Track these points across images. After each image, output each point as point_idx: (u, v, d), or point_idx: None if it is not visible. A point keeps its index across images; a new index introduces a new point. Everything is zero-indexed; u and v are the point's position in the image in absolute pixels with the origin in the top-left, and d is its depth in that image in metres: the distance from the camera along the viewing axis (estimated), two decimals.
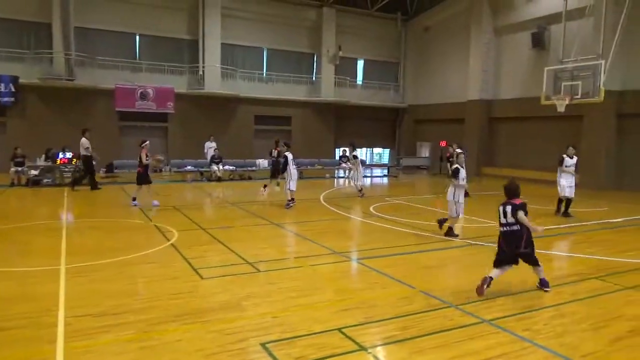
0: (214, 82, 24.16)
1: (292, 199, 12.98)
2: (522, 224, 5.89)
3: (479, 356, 4.29)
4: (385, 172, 26.06)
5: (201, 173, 20.46)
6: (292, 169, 13.04)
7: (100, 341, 4.49)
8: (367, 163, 29.24)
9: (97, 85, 21.69)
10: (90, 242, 8.76)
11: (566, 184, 12.04)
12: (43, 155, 17.53)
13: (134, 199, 12.69)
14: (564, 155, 12.16)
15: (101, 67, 22.26)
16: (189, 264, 7.15)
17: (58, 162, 17.11)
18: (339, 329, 4.80)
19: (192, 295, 5.82)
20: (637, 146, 18.05)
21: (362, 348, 4.42)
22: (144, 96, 22.54)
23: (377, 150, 32.42)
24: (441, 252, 8.36)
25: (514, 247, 5.95)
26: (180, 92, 23.56)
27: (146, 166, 12.75)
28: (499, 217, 6.09)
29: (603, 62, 15.36)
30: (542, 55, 21.24)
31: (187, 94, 23.86)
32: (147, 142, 13.12)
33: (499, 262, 6.09)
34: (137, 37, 23.51)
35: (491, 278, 5.94)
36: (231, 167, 20.87)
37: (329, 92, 27.43)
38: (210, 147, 20.92)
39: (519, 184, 6.19)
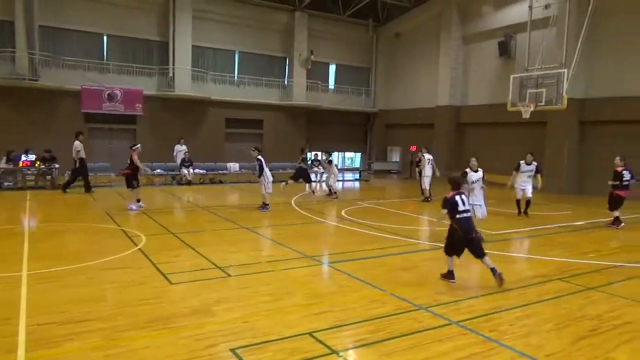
0: (185, 84, 23.83)
1: (267, 204, 12.97)
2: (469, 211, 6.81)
3: (447, 357, 4.37)
4: (357, 176, 26.23)
5: (173, 177, 20.14)
6: (267, 172, 13.03)
7: (65, 349, 4.36)
8: (339, 167, 29.34)
9: (62, 86, 21.07)
10: (54, 247, 8.50)
11: (519, 186, 12.91)
12: (4, 158, 16.90)
13: (138, 201, 12.77)
14: (521, 162, 12.98)
15: (67, 67, 21.65)
16: (158, 269, 7.02)
17: (20, 164, 16.54)
18: (310, 333, 4.80)
19: (161, 301, 5.71)
20: (597, 152, 18.72)
21: (333, 351, 4.43)
22: (111, 98, 22.04)
23: (348, 154, 32.60)
24: (411, 255, 8.47)
25: (468, 233, 6.56)
26: (150, 94, 23.14)
27: (135, 169, 12.70)
28: (457, 206, 6.63)
29: (566, 70, 15.91)
30: (508, 63, 21.84)
31: (156, 96, 23.45)
32: (139, 145, 13.23)
33: (452, 250, 6.74)
34: (105, 38, 22.98)
35: (450, 271, 6.79)
36: (202, 171, 20.61)
37: (301, 96, 27.46)
38: (181, 150, 20.64)
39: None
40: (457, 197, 6.70)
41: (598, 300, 6.15)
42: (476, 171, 9.71)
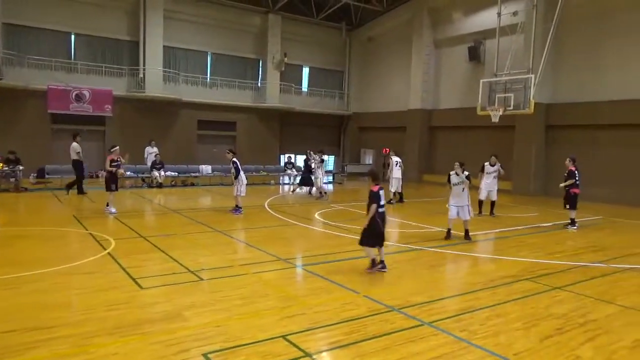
0: (156, 85, 23.46)
1: (240, 207, 12.89)
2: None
3: (420, 357, 4.42)
4: (331, 178, 26.30)
5: (142, 179, 19.77)
6: (242, 175, 12.96)
7: (31, 357, 4.22)
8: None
9: (27, 85, 20.43)
10: (19, 252, 8.21)
11: (484, 187, 13.41)
12: None
13: (108, 205, 12.38)
14: (485, 163, 13.55)
15: (33, 66, 21.01)
16: (128, 273, 6.87)
17: None
18: (284, 336, 4.78)
19: (131, 306, 5.59)
20: (563, 155, 19.16)
21: (307, 354, 4.43)
22: (79, 98, 21.51)
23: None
24: (384, 257, 8.52)
25: (385, 224, 7.31)
26: (120, 95, 22.69)
27: (111, 172, 12.39)
28: (380, 200, 7.17)
29: (533, 76, 16.37)
30: (478, 67, 22.34)
31: (126, 97, 23.01)
32: (117, 147, 12.70)
33: (374, 242, 7.28)
34: (73, 36, 22.43)
35: (382, 261, 7.32)
36: (173, 173, 20.31)
37: (274, 98, 27.39)
38: (151, 152, 20.28)
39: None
40: (381, 192, 7.25)
41: (564, 299, 6.33)
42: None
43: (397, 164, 16.14)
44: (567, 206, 12.14)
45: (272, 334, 4.85)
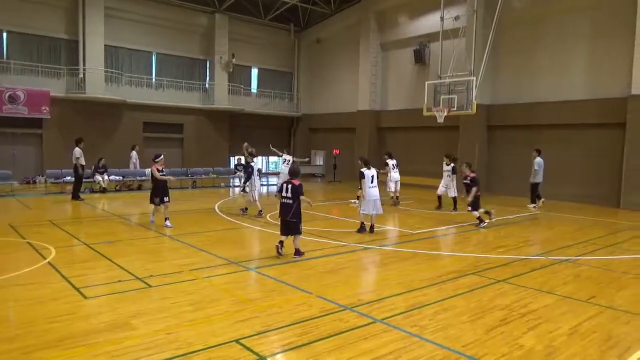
0: (97, 86, 22.50)
1: (261, 210, 12.95)
2: (295, 199, 8.16)
3: (372, 355, 4.49)
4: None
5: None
6: (256, 179, 13.06)
7: None
8: (263, 172, 29.22)
9: None
10: None
11: (442, 184, 14.61)
12: None
13: (166, 219, 11.33)
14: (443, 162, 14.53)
15: None
16: (70, 283, 6.56)
17: None
18: (237, 340, 4.72)
19: (75, 317, 5.34)
20: (503, 154, 20.27)
21: (261, 357, 4.39)
22: (13, 99, 20.30)
23: (272, 158, 32.54)
24: (336, 257, 8.61)
25: (285, 215, 8.14)
26: (58, 96, 21.61)
27: (158, 181, 11.27)
28: (281, 192, 8.24)
29: (474, 78, 17.05)
30: (423, 70, 23.00)
31: (66, 98, 21.94)
32: (162, 156, 11.47)
33: (282, 231, 8.37)
34: (5, 34, 21.15)
35: (281, 241, 8.31)
36: (117, 177, 19.57)
37: (222, 99, 27.00)
38: (136, 157, 19.90)
39: (300, 169, 8.96)
40: (284, 185, 8.24)
41: (507, 291, 6.63)
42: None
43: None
44: (469, 208, 12.01)
45: (225, 338, 4.77)
